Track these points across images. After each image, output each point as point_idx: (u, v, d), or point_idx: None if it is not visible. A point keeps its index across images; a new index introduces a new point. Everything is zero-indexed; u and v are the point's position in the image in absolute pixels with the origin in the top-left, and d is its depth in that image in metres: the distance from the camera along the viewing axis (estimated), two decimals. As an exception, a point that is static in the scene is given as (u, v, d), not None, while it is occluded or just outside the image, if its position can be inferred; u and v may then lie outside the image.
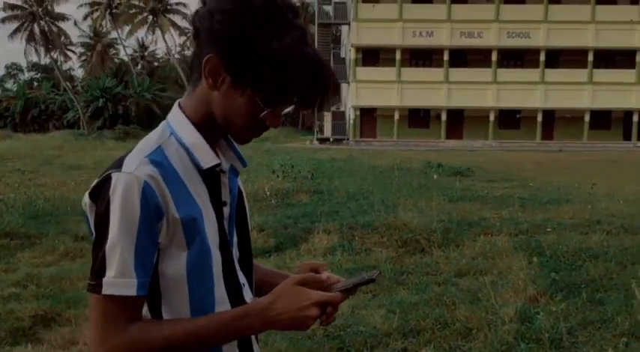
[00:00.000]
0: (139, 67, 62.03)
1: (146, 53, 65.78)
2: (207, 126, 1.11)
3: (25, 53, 53.24)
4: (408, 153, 25.99)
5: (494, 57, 39.56)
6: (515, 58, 40.49)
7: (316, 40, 43.84)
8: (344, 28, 48.20)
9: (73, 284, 5.53)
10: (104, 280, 1.01)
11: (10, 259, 6.53)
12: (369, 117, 40.71)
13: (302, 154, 23.15)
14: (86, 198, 1.07)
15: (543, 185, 13.30)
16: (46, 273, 5.90)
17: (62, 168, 16.55)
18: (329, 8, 44.97)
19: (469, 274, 5.75)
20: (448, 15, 39.41)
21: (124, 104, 47.51)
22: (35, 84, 63.68)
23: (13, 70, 71.46)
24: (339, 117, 43.06)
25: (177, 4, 53.44)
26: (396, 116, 39.78)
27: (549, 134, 40.38)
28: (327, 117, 41.54)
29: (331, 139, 39.43)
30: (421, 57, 40.93)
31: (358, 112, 40.30)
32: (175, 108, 1.13)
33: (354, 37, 40.02)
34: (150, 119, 48.40)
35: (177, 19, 53.63)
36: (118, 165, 1.04)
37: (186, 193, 1.06)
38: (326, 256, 6.43)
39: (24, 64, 68.67)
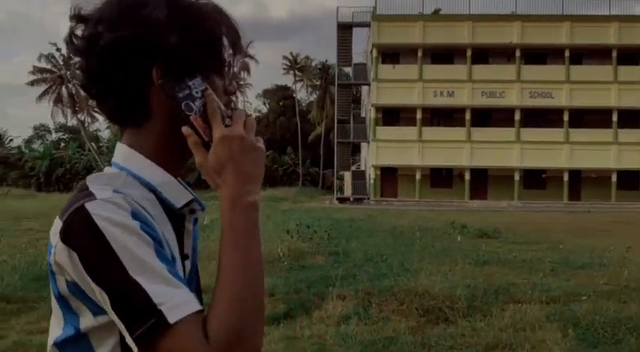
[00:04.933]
0: (165, 126, 63.04)
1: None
2: (170, 164, 0.92)
3: (52, 115, 54.48)
4: (430, 213, 25.41)
5: (517, 116, 39.36)
6: (539, 117, 40.21)
7: (336, 100, 44.29)
8: (364, 88, 48.77)
9: (62, 355, 5.08)
10: (161, 308, 0.75)
11: (3, 325, 6.12)
12: (390, 176, 40.37)
13: (320, 214, 22.71)
14: (58, 250, 0.80)
15: (574, 248, 12.68)
16: (36, 341, 5.48)
17: (77, 227, 16.32)
18: (349, 70, 45.66)
19: (498, 348, 5.20)
20: (469, 75, 39.59)
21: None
22: (62, 144, 65.00)
23: (41, 131, 73.17)
24: (359, 177, 42.83)
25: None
26: (418, 175, 39.38)
27: (576, 194, 39.49)
28: (347, 176, 41.34)
29: (351, 199, 39.03)
30: (442, 116, 40.91)
31: (379, 172, 40.02)
32: (125, 149, 0.92)
33: (374, 97, 40.30)
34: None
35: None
36: (86, 196, 0.82)
37: (164, 238, 0.86)
38: (340, 325, 5.92)
39: (52, 125, 70.30)
